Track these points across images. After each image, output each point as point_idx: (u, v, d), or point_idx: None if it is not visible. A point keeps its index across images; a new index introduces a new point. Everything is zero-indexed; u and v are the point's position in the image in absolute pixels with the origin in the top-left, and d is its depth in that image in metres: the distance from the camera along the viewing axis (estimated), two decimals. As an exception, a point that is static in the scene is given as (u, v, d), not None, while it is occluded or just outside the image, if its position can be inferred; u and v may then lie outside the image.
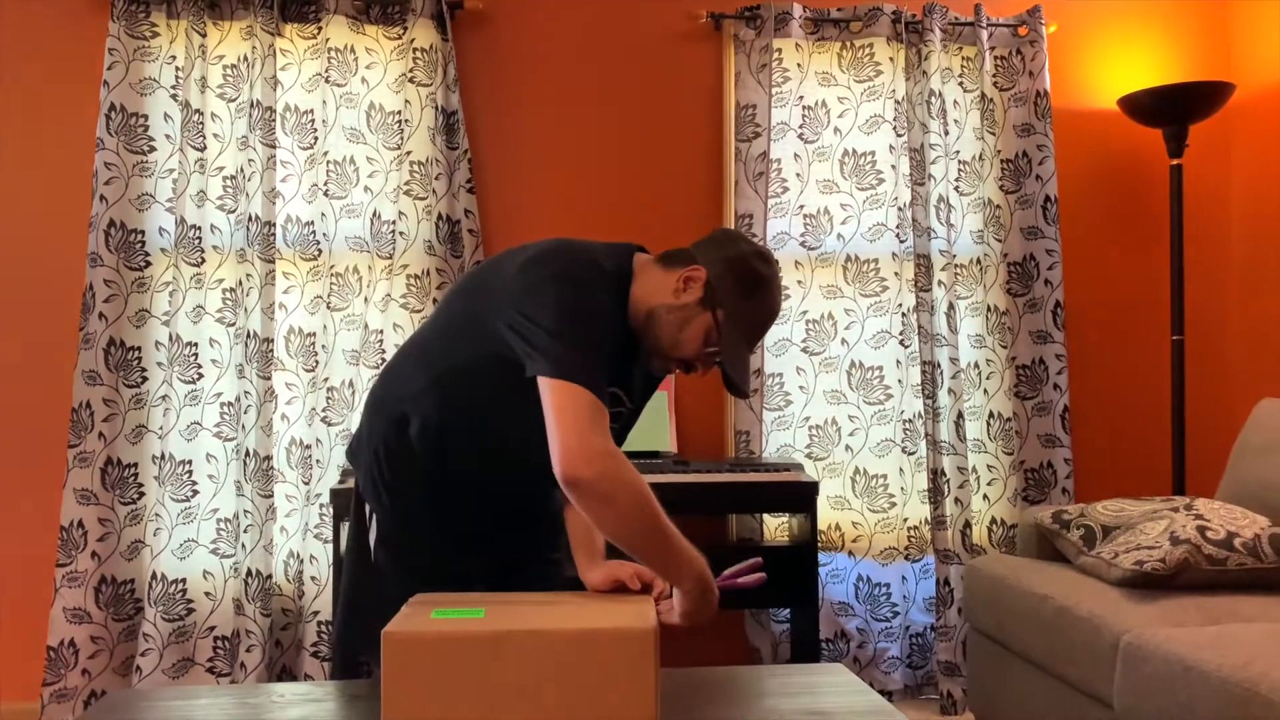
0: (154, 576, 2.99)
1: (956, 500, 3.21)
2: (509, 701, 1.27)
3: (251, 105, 3.04)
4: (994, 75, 3.33)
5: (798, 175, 3.29)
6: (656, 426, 3.08)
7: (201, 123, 3.06)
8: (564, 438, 1.40)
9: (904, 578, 3.27)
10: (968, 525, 3.21)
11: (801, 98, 3.29)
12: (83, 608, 2.96)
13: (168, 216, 3.09)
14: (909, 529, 3.27)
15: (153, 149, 3.09)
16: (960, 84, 3.34)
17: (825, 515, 3.26)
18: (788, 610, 3.18)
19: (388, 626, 1.28)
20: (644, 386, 1.75)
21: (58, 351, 3.10)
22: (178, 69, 3.09)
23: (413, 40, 3.11)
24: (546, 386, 1.43)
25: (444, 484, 1.66)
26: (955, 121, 3.32)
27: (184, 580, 3.04)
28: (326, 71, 3.11)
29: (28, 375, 3.11)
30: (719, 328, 1.55)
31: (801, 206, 3.29)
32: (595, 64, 3.29)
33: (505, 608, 1.37)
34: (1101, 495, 3.40)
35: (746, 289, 1.56)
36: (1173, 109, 3.11)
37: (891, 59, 3.30)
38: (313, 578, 3.05)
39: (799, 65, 3.28)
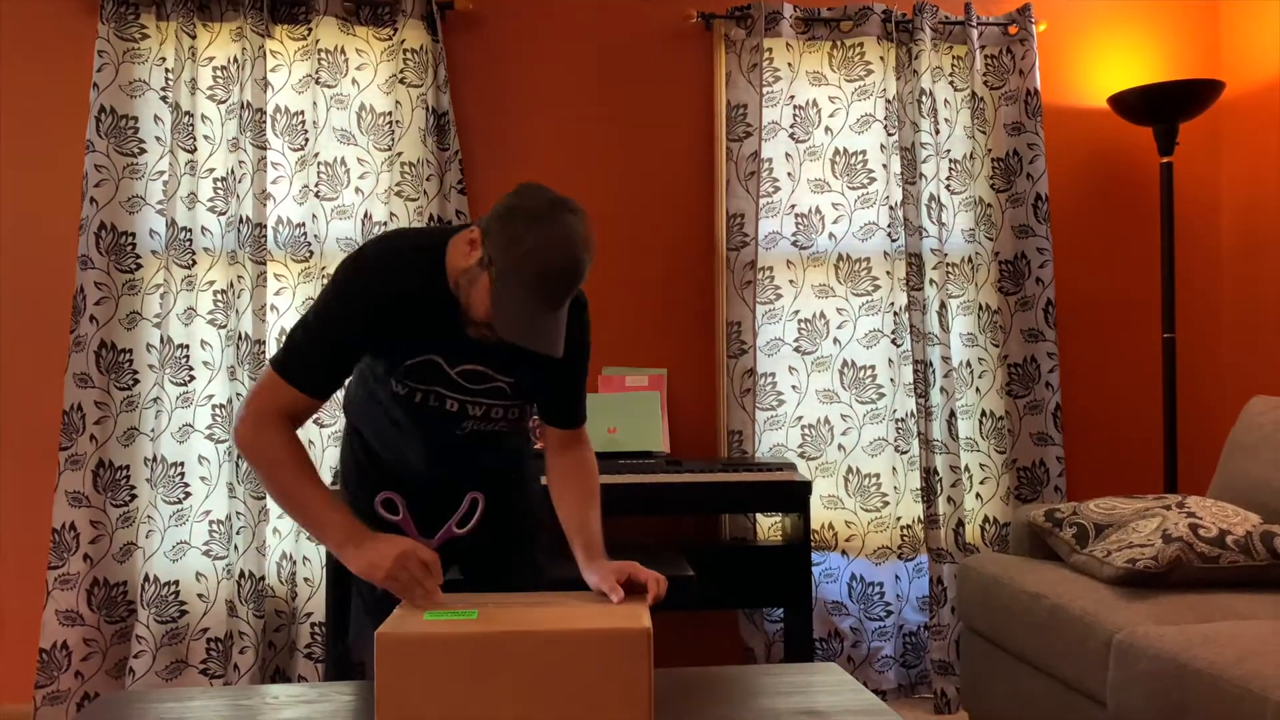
0: (146, 578, 2.98)
1: (949, 499, 3.21)
2: (503, 702, 1.27)
3: (242, 107, 3.04)
4: (984, 74, 3.34)
5: (789, 175, 3.29)
6: (649, 427, 3.08)
7: (192, 124, 3.05)
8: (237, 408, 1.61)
9: (897, 577, 3.27)
10: (960, 524, 3.21)
11: (792, 97, 3.29)
12: (75, 610, 2.95)
13: (158, 219, 3.08)
14: (902, 528, 3.28)
15: (143, 151, 3.08)
16: (951, 83, 3.35)
17: (818, 515, 3.26)
18: (781, 610, 3.18)
19: (380, 628, 1.28)
20: (533, 357, 1.68)
21: (49, 354, 3.09)
22: (168, 71, 3.08)
23: (403, 41, 3.10)
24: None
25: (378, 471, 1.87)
26: (946, 120, 3.33)
27: (177, 582, 3.03)
28: (317, 73, 3.11)
29: (19, 378, 3.10)
30: (493, 284, 1.50)
31: (793, 206, 3.29)
32: (586, 64, 3.29)
33: (498, 609, 1.37)
34: (1094, 493, 3.41)
35: (512, 240, 1.48)
36: (1163, 107, 3.12)
37: (882, 58, 3.30)
38: (305, 579, 3.05)
39: (790, 65, 3.28)
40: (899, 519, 3.28)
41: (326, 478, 3.05)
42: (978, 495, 3.33)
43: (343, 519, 1.57)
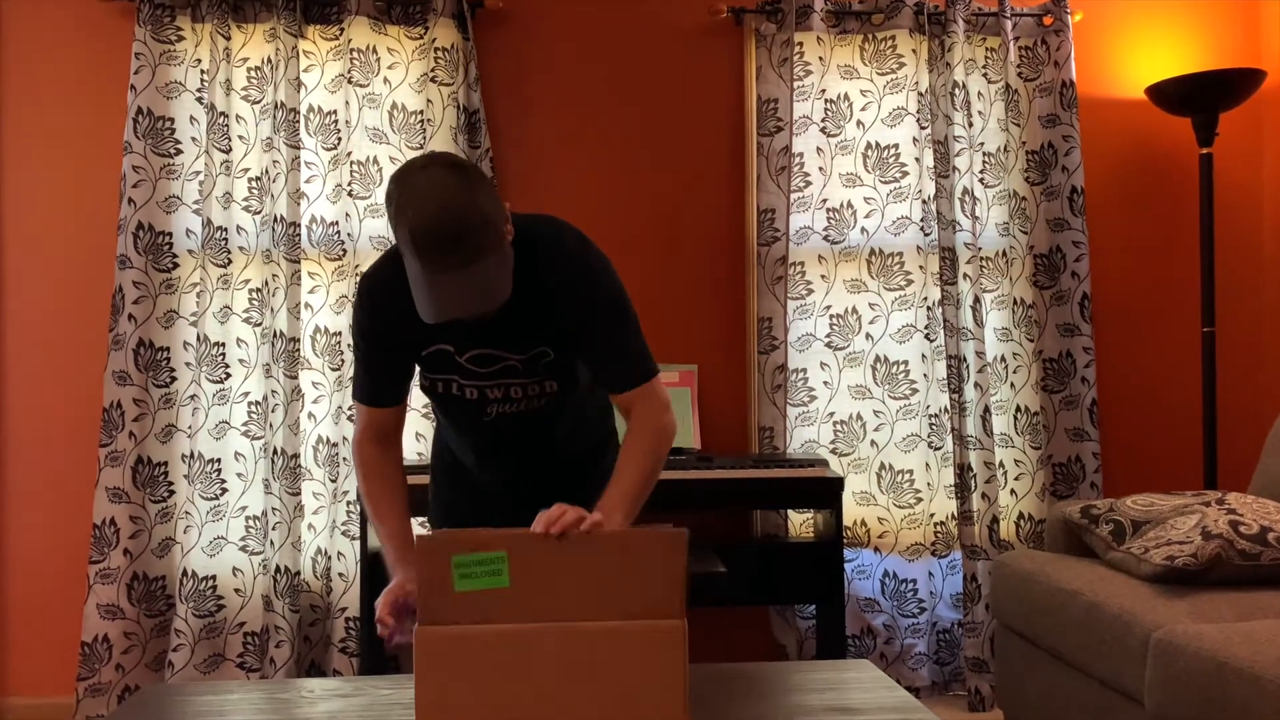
0: (184, 573, 3.03)
1: (983, 495, 3.19)
2: (541, 697, 1.28)
3: (275, 107, 3.07)
4: (1019, 66, 3.30)
5: (820, 169, 3.27)
6: (680, 423, 3.08)
7: (227, 125, 3.08)
8: None
9: (931, 573, 3.25)
10: (995, 520, 3.18)
11: (824, 91, 3.27)
12: (116, 604, 3.00)
13: (194, 218, 3.12)
14: (935, 524, 3.25)
15: (179, 152, 3.12)
16: (984, 75, 3.31)
17: (851, 511, 3.24)
18: (813, 606, 3.17)
19: (418, 625, 1.29)
20: (535, 325, 1.65)
21: (89, 353, 3.14)
22: (203, 72, 3.12)
23: (434, 40, 3.12)
24: None
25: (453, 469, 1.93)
26: (979, 113, 3.30)
27: (214, 577, 3.07)
28: (349, 72, 3.13)
29: (60, 377, 3.15)
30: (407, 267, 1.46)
31: (824, 200, 3.28)
32: (616, 61, 3.29)
33: (528, 573, 1.34)
34: (1130, 490, 3.36)
35: (391, 215, 1.44)
36: (1202, 97, 3.07)
37: (914, 51, 3.28)
38: (340, 574, 3.08)
39: (821, 59, 3.26)
40: (932, 515, 3.26)
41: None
42: (1012, 491, 3.30)
43: (391, 548, 1.70)
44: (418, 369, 1.74)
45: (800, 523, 3.24)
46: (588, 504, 1.67)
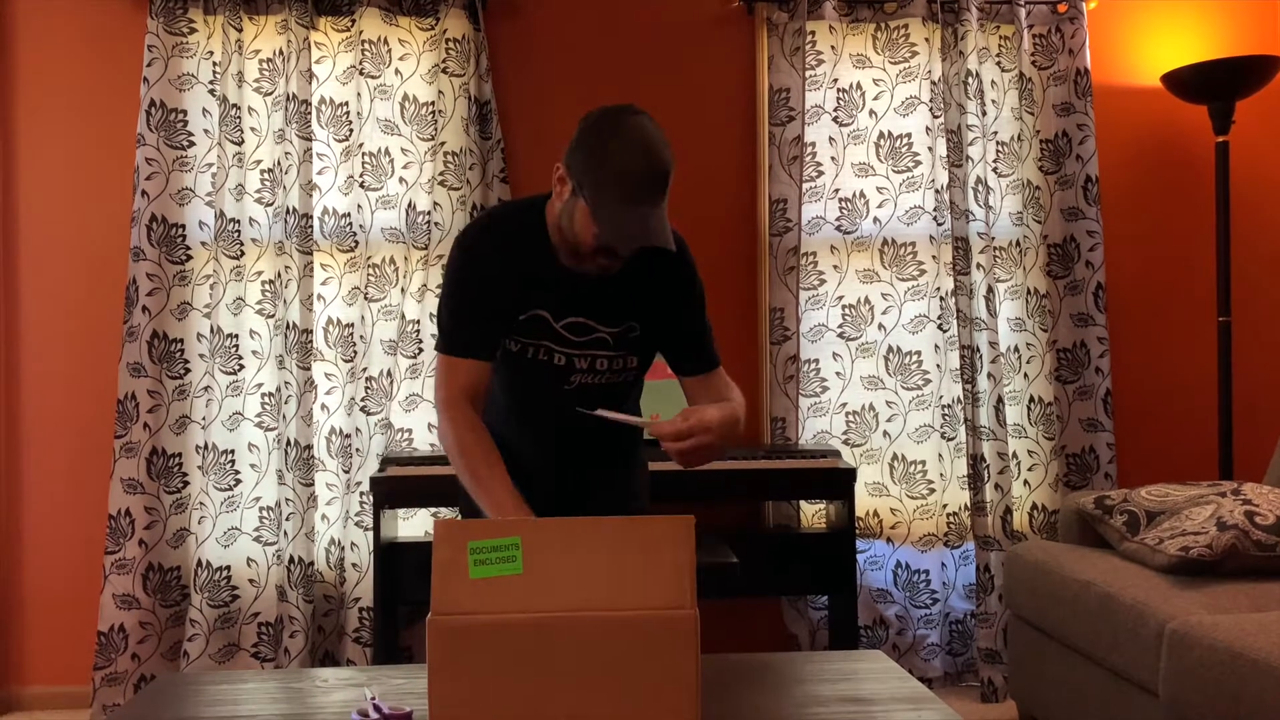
0: (199, 564, 3.05)
1: (997, 486, 3.18)
2: (554, 686, 1.28)
3: (287, 99, 3.07)
4: (1032, 54, 3.28)
5: (832, 159, 3.26)
6: (692, 413, 3.07)
7: (239, 117, 3.09)
8: None
9: (943, 564, 3.24)
10: (1008, 511, 3.17)
11: (836, 80, 3.25)
12: (131, 594, 3.03)
13: (207, 210, 3.13)
14: (948, 515, 3.24)
15: (192, 144, 3.13)
16: (998, 63, 3.29)
17: (863, 502, 3.24)
18: (826, 597, 3.17)
19: (431, 615, 1.29)
20: (629, 301, 1.73)
21: (103, 345, 3.16)
22: (215, 64, 3.12)
23: (445, 31, 3.12)
24: None
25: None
26: (993, 102, 3.28)
27: (228, 567, 3.09)
28: (360, 64, 3.13)
29: (75, 368, 3.17)
30: (590, 204, 1.57)
31: (837, 190, 3.26)
32: (627, 50, 3.28)
33: (542, 558, 1.35)
34: (1145, 481, 3.34)
35: (592, 155, 1.57)
36: (1218, 84, 3.04)
37: (927, 39, 3.25)
38: (354, 564, 3.09)
39: (833, 48, 3.25)
40: (945, 506, 3.25)
41: (373, 467, 3.09)
42: (1026, 482, 3.29)
43: (506, 505, 1.65)
44: (507, 337, 1.77)
45: (812, 513, 3.24)
46: (624, 489, 1.86)
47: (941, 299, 3.25)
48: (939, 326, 3.26)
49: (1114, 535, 2.53)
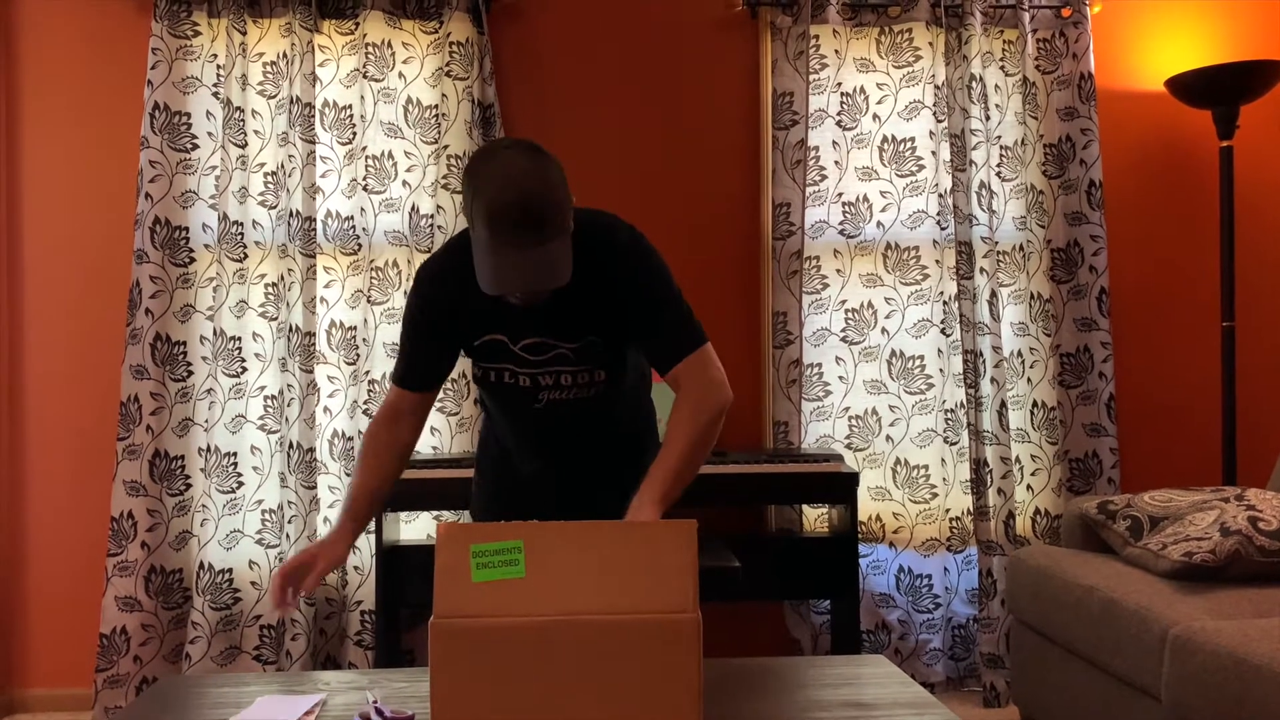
0: (201, 566, 3.05)
1: (999, 491, 3.17)
2: (556, 690, 1.28)
3: (291, 102, 3.08)
4: (1036, 58, 3.28)
5: (836, 163, 3.26)
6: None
7: (242, 120, 3.09)
8: None
9: (946, 569, 3.24)
10: (1011, 516, 3.17)
11: (839, 84, 3.26)
12: (133, 596, 3.03)
13: (210, 213, 3.13)
14: (951, 520, 3.24)
15: (195, 147, 3.13)
16: (1002, 68, 3.29)
17: (866, 506, 3.23)
18: (828, 601, 3.16)
19: (434, 618, 1.29)
20: (584, 314, 1.69)
21: (106, 347, 3.16)
22: (219, 67, 3.13)
23: (449, 34, 3.12)
24: None
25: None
26: (997, 106, 3.27)
27: (230, 570, 3.09)
28: (364, 67, 3.14)
29: (78, 371, 3.17)
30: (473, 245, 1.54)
31: (840, 194, 3.26)
32: (631, 54, 3.29)
33: (544, 562, 1.35)
34: (1148, 486, 3.34)
35: (465, 196, 1.52)
36: (1222, 89, 3.04)
37: (931, 44, 3.26)
38: (355, 567, 3.09)
39: (836, 51, 3.25)
40: (948, 511, 3.24)
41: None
42: (1029, 487, 3.28)
43: (347, 498, 1.76)
44: (470, 360, 1.79)
45: (815, 518, 3.23)
46: (625, 495, 1.74)
47: (945, 303, 3.24)
48: (942, 331, 3.25)
49: (1117, 540, 2.52)
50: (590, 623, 1.29)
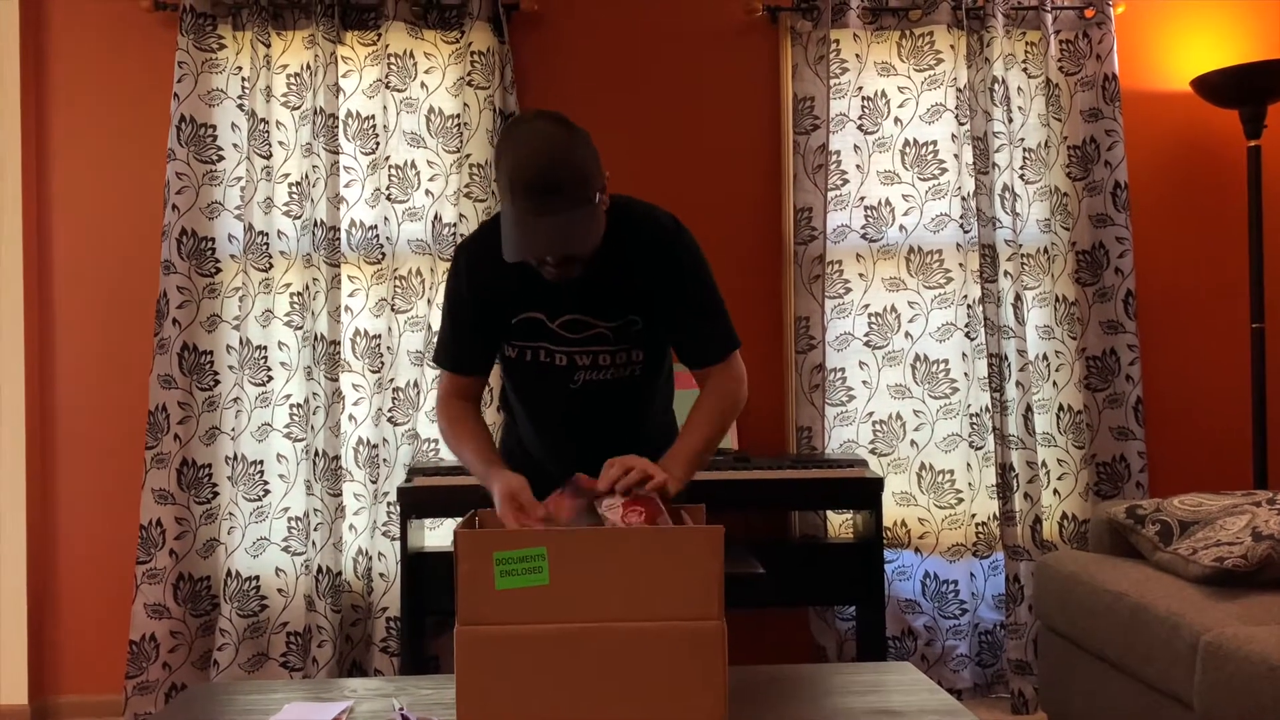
0: (229, 574, 3.07)
1: (1026, 495, 3.14)
2: (581, 697, 1.28)
3: (315, 112, 3.10)
4: (1059, 60, 3.25)
5: (858, 167, 3.25)
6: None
7: (267, 131, 3.12)
8: None
9: (972, 574, 3.21)
10: (1038, 521, 3.14)
11: (860, 88, 3.25)
12: (162, 603, 3.06)
13: (236, 224, 3.16)
14: (977, 525, 3.21)
15: (221, 158, 3.17)
16: (1024, 69, 3.27)
17: (891, 512, 3.21)
18: (853, 607, 3.15)
19: (458, 625, 1.30)
20: (626, 294, 1.72)
21: (134, 357, 3.20)
22: (244, 79, 3.16)
23: (470, 44, 3.14)
24: None
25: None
26: (1019, 108, 3.25)
27: (257, 577, 3.11)
28: (387, 77, 3.16)
29: (107, 381, 3.21)
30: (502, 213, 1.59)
31: (862, 198, 3.25)
32: (651, 61, 3.29)
33: (568, 572, 1.34)
34: (1177, 490, 3.30)
35: (496, 165, 1.57)
36: (1250, 88, 3.01)
37: (952, 46, 3.24)
38: (381, 574, 3.11)
39: (857, 56, 3.24)
40: (974, 516, 3.22)
41: (400, 477, 3.10)
42: (1055, 491, 3.25)
43: (481, 469, 1.73)
44: (504, 346, 1.79)
45: (839, 523, 3.22)
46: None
47: (969, 307, 3.22)
48: (966, 334, 3.23)
49: (1146, 545, 2.49)
50: (615, 630, 1.29)
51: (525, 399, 1.84)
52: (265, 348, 3.13)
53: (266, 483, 3.13)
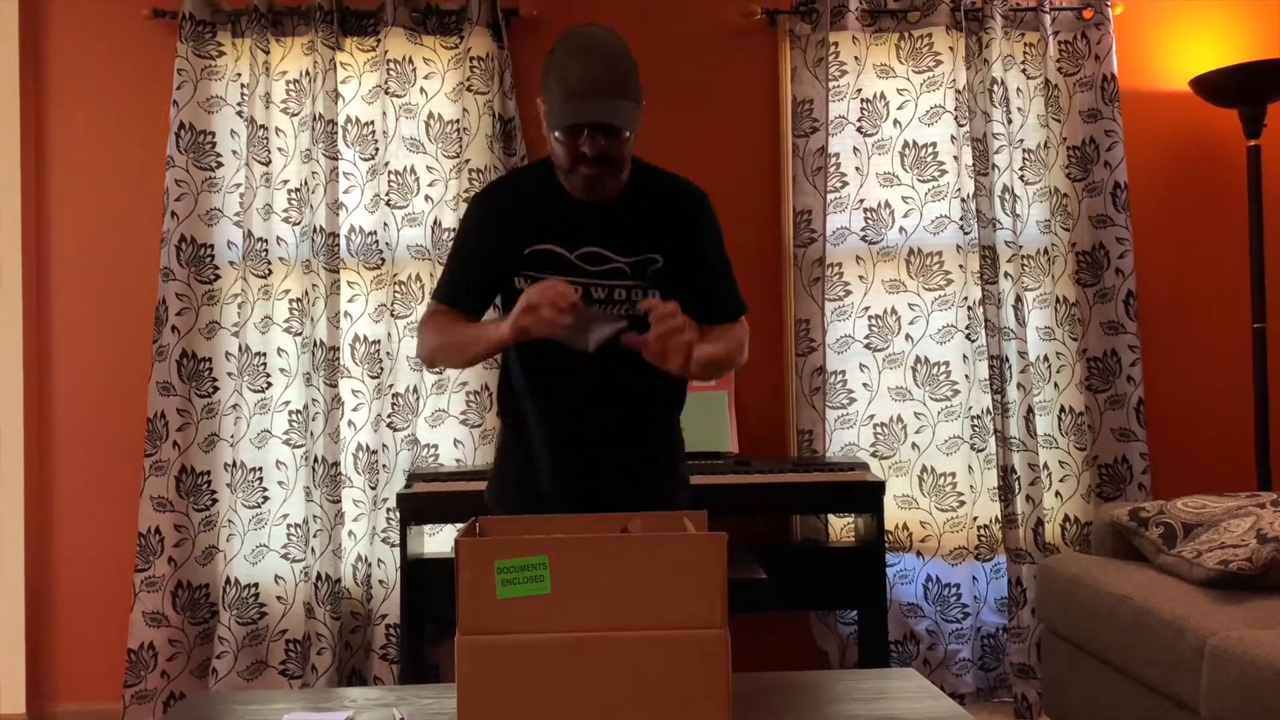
0: (228, 581, 3.06)
1: (1028, 498, 3.13)
2: (583, 705, 1.27)
3: (314, 119, 3.10)
4: (1058, 60, 3.25)
5: (857, 169, 3.24)
6: (717, 427, 3.06)
7: (266, 137, 3.12)
8: None
9: (974, 578, 3.20)
10: (1040, 523, 3.13)
11: (859, 90, 3.24)
12: (161, 612, 3.04)
13: (235, 230, 3.15)
14: (979, 528, 3.20)
15: (220, 165, 3.16)
16: (1023, 70, 3.26)
17: (892, 515, 3.20)
18: (855, 612, 3.13)
19: (459, 635, 1.29)
20: (646, 231, 1.79)
21: (133, 364, 3.19)
22: (243, 86, 3.15)
23: (469, 49, 3.13)
24: None
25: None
26: (1019, 109, 3.25)
27: (256, 585, 3.10)
28: (386, 83, 3.15)
29: (106, 388, 3.20)
30: (546, 107, 1.72)
31: (862, 200, 3.25)
32: (650, 64, 3.23)
33: (569, 576, 1.33)
34: (1180, 491, 3.28)
35: (546, 70, 1.71)
36: (1249, 88, 3.00)
37: (951, 48, 3.23)
38: (380, 581, 3.10)
39: (856, 58, 3.23)
40: (975, 519, 3.21)
41: (400, 483, 3.10)
42: (1057, 494, 3.24)
43: (481, 327, 1.78)
44: (514, 277, 1.80)
45: (841, 527, 3.21)
46: (643, 484, 1.84)
47: (969, 308, 3.22)
48: (967, 336, 3.22)
49: (1150, 548, 2.49)
50: (617, 639, 1.28)
51: (531, 345, 1.80)
52: (264, 354, 3.12)
53: (265, 489, 3.12)
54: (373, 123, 3.17)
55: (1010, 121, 3.20)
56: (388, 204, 3.16)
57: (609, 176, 1.72)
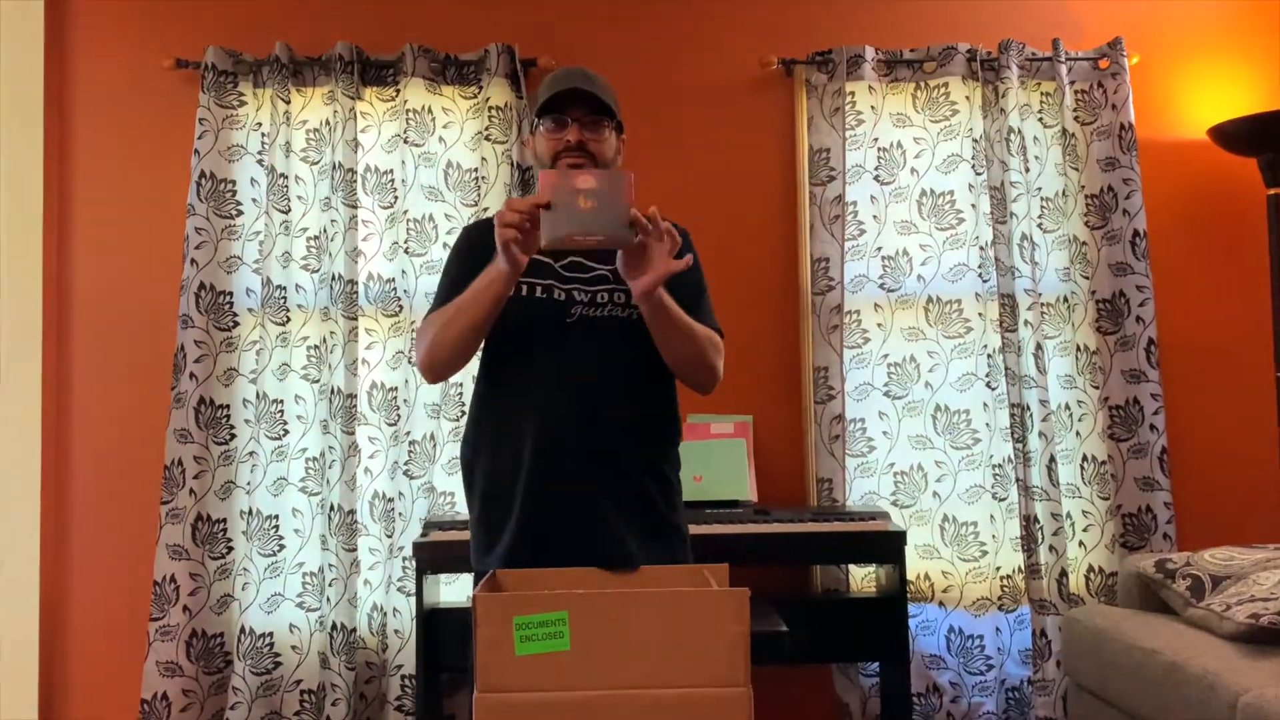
0: (242, 630, 3.04)
1: (1051, 548, 3.09)
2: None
3: (333, 167, 3.13)
4: (1075, 110, 3.25)
5: (874, 217, 3.24)
6: (735, 475, 3.03)
7: (286, 186, 3.15)
8: None
9: (998, 629, 3.14)
10: (1064, 574, 3.08)
11: (876, 139, 3.25)
12: (175, 661, 3.02)
13: (254, 277, 3.18)
14: (1002, 578, 3.15)
15: (240, 213, 3.19)
16: (1040, 119, 3.27)
17: (914, 565, 3.15)
18: (877, 664, 3.08)
19: (477, 693, 1.27)
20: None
21: (151, 411, 3.19)
22: (263, 135, 3.19)
23: (488, 99, 3.17)
24: None
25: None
26: (1036, 158, 3.25)
27: (271, 634, 3.07)
28: (405, 132, 3.19)
29: (123, 435, 3.21)
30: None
31: (879, 249, 3.24)
32: (667, 114, 3.31)
33: (588, 629, 1.31)
34: (1205, 542, 3.22)
35: (536, 103, 1.88)
36: (1268, 136, 3.00)
37: (968, 97, 3.25)
38: (396, 631, 3.07)
39: (873, 107, 3.25)
40: (998, 569, 3.16)
41: (416, 531, 3.08)
42: (1081, 543, 3.19)
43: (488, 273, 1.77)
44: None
45: (861, 577, 3.16)
46: (634, 503, 1.83)
47: (989, 356, 3.20)
48: (987, 384, 3.20)
49: (1177, 601, 2.44)
50: (638, 698, 1.26)
51: (514, 351, 1.83)
52: (282, 401, 3.13)
53: (281, 538, 3.11)
54: (392, 171, 3.19)
55: (1028, 170, 3.20)
56: (406, 251, 3.18)
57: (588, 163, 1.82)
